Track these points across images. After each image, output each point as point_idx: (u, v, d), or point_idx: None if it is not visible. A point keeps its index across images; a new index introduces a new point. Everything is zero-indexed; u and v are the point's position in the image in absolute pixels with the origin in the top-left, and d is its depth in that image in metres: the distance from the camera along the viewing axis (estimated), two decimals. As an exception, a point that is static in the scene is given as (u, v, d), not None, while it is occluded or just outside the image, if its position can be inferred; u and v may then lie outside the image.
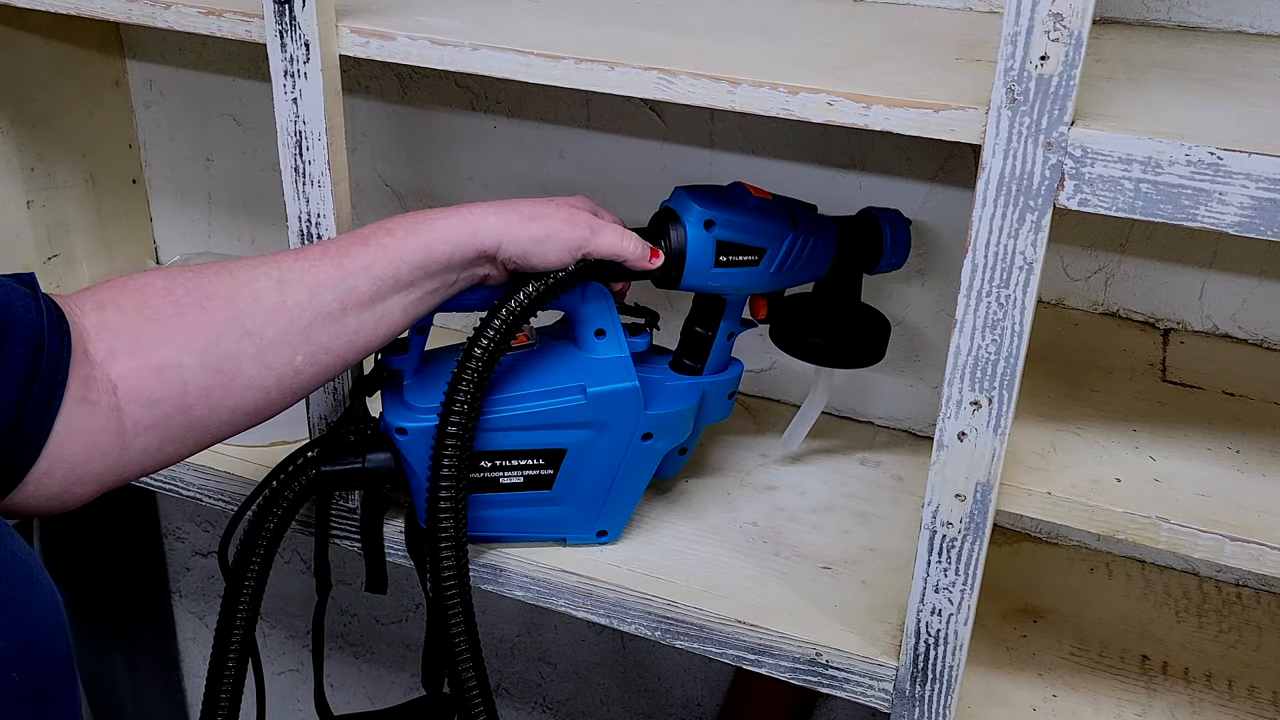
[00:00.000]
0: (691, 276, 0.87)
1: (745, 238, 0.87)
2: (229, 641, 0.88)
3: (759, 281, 0.89)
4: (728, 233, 0.86)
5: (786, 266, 0.89)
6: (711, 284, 0.88)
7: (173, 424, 0.70)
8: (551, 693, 1.52)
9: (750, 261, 0.87)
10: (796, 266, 0.89)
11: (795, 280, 0.91)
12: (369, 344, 0.79)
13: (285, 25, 0.84)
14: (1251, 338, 0.96)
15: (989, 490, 0.75)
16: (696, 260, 0.86)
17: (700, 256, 0.86)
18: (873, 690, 0.85)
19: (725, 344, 0.94)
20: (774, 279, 0.89)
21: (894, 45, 0.84)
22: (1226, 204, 0.63)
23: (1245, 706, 0.89)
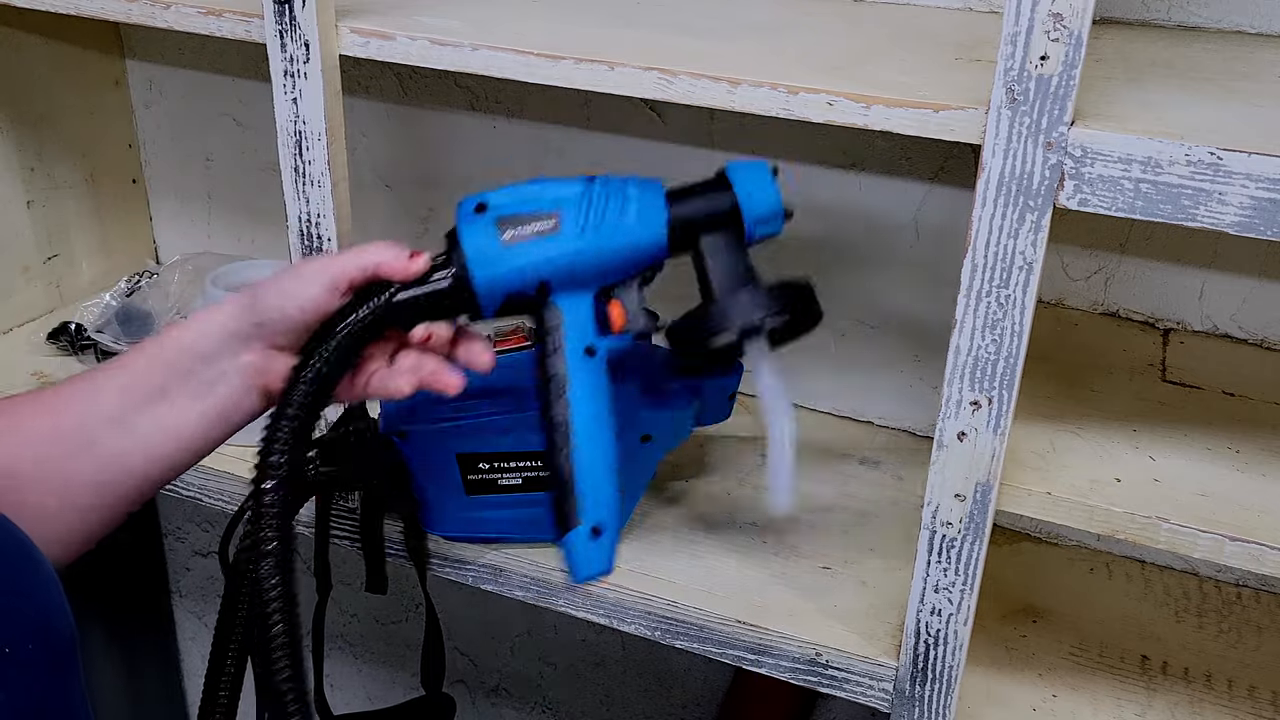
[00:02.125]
0: (482, 266, 0.72)
1: (529, 206, 0.73)
2: (228, 641, 0.88)
3: (566, 246, 0.72)
4: (506, 207, 0.73)
5: (595, 222, 0.72)
6: (507, 269, 0.72)
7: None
8: (551, 693, 1.52)
9: (545, 229, 0.72)
10: (611, 222, 0.72)
11: (619, 243, 0.73)
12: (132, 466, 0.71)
13: (285, 25, 0.84)
14: (1251, 338, 0.96)
15: (989, 490, 0.75)
16: (478, 245, 0.72)
17: (480, 239, 0.72)
18: (872, 690, 0.85)
19: (587, 365, 0.75)
20: (586, 240, 0.72)
21: (894, 45, 0.83)
22: (1226, 204, 0.63)
23: (1245, 707, 0.88)
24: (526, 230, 0.72)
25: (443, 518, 0.93)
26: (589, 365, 0.74)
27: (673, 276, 0.76)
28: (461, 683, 1.58)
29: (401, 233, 1.24)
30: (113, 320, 1.21)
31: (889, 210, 1.03)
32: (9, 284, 1.25)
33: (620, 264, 0.73)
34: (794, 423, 0.75)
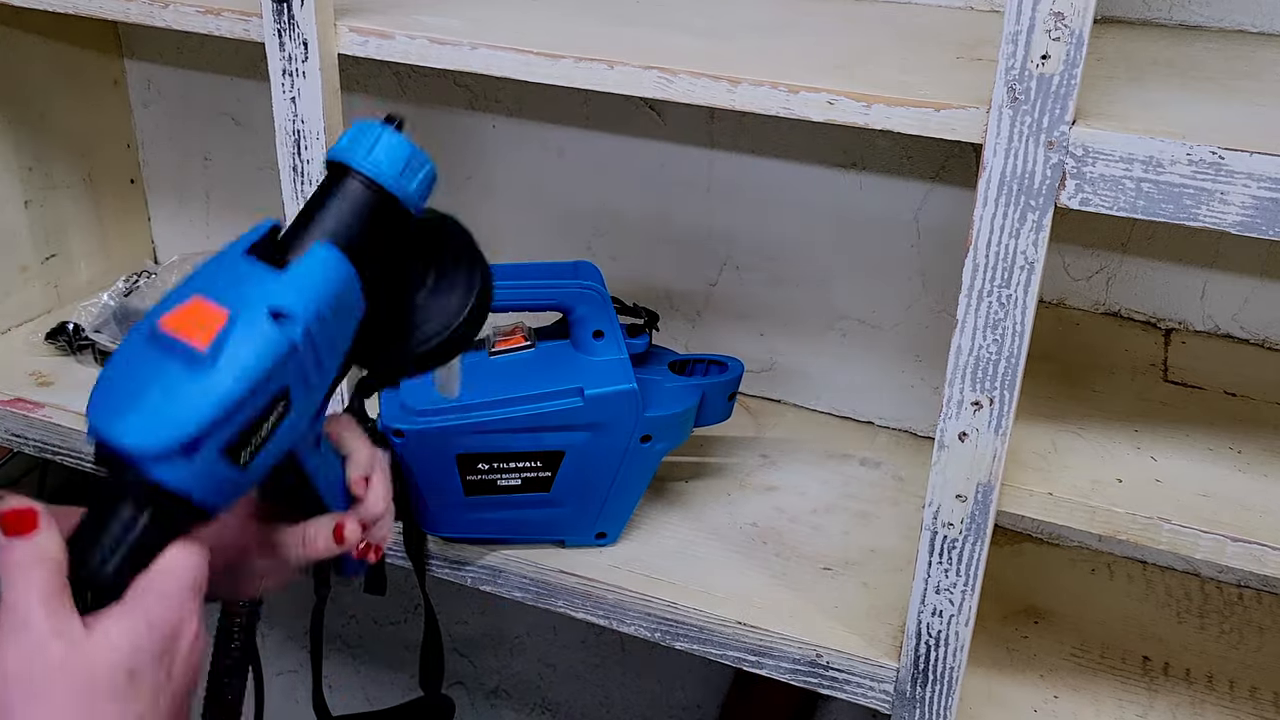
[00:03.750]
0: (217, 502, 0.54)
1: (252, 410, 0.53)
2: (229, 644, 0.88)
3: (311, 407, 0.58)
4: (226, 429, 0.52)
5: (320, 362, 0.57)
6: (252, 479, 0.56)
7: None
8: (551, 693, 1.52)
9: (282, 414, 0.55)
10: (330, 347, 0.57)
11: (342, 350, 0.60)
12: None
13: (284, 24, 0.83)
14: (1253, 338, 0.96)
15: (990, 491, 0.75)
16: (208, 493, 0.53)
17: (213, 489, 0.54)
18: (873, 691, 0.85)
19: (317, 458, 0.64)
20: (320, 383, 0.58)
21: (895, 44, 0.83)
22: (1228, 203, 0.63)
23: (1246, 707, 0.88)
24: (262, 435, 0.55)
25: (442, 518, 0.92)
26: (319, 454, 0.64)
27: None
28: (461, 684, 1.58)
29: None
30: (111, 320, 1.21)
31: (889, 210, 1.03)
32: (7, 284, 1.25)
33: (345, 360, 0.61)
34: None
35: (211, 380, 0.52)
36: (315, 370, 0.57)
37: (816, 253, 1.07)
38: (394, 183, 0.59)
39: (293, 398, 0.56)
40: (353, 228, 0.58)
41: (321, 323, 0.56)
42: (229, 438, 0.53)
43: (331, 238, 0.58)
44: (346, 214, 0.58)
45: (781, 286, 1.10)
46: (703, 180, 1.08)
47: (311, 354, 0.56)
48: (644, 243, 1.13)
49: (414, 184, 0.60)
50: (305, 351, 0.55)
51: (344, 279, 0.57)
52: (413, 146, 0.59)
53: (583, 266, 0.90)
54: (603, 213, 1.14)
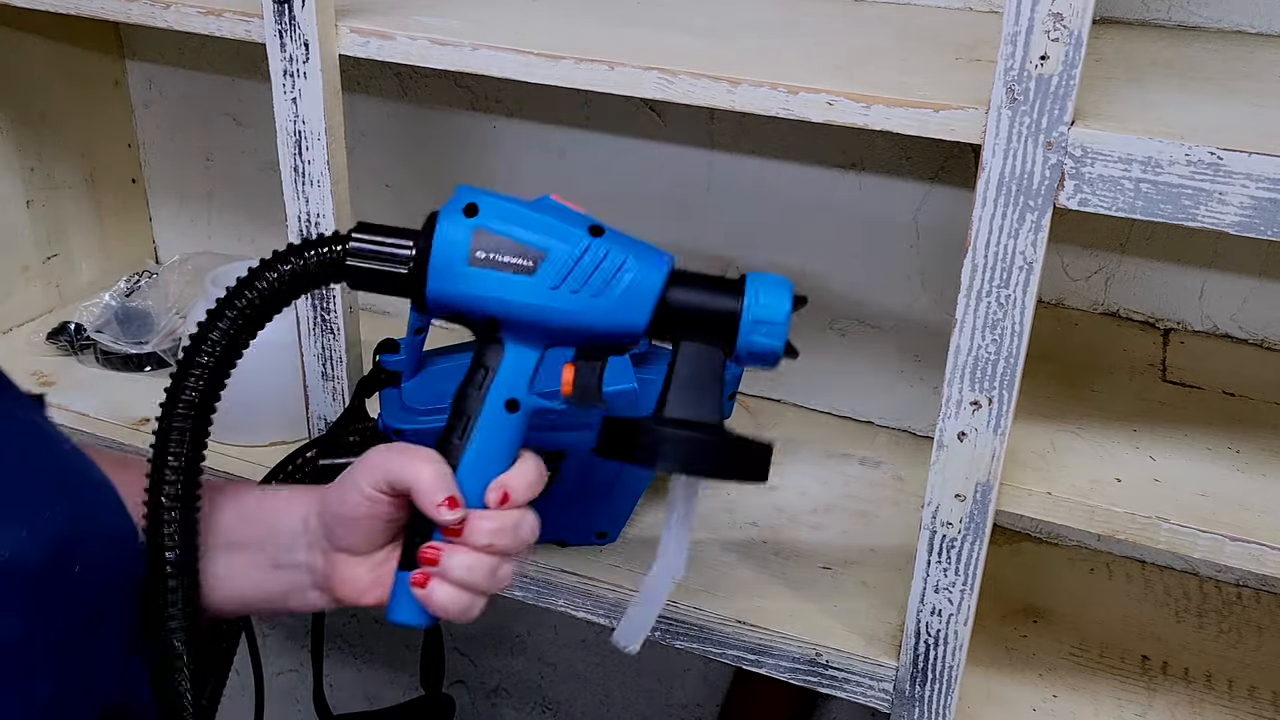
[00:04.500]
0: (438, 276, 0.65)
1: (517, 233, 0.65)
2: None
3: (532, 296, 0.65)
4: (494, 222, 0.65)
5: (574, 285, 0.65)
6: (464, 290, 0.65)
7: None
8: (551, 692, 1.52)
9: (521, 267, 0.64)
10: (591, 290, 0.65)
11: (592, 316, 0.65)
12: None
13: (285, 25, 0.84)
14: (1252, 338, 0.96)
15: (989, 490, 0.75)
16: (444, 252, 0.64)
17: (450, 246, 0.64)
18: (873, 690, 0.85)
19: (501, 420, 0.68)
20: (557, 299, 0.65)
21: (894, 45, 0.83)
22: (1226, 204, 0.63)
23: (1245, 707, 0.88)
24: (501, 258, 0.64)
25: (442, 518, 0.92)
26: (503, 420, 0.68)
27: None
28: (461, 683, 1.58)
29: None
30: (112, 320, 1.21)
31: (889, 210, 1.03)
32: (8, 284, 1.25)
33: (584, 336, 0.67)
34: (684, 568, 0.68)
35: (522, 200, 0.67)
36: (573, 280, 0.64)
37: (816, 253, 1.07)
38: (746, 329, 0.65)
39: (540, 268, 0.64)
40: (692, 305, 0.66)
41: (608, 263, 0.65)
42: (489, 226, 0.64)
43: (675, 272, 0.66)
44: (702, 298, 0.66)
45: (781, 286, 1.10)
46: (703, 180, 1.08)
47: (581, 266, 0.64)
48: (644, 243, 1.13)
49: (756, 347, 0.65)
50: (580, 254, 0.64)
51: (649, 279, 0.65)
52: (784, 341, 0.66)
53: (583, 266, 0.91)
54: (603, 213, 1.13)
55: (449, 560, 0.65)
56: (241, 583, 0.71)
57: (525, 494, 0.68)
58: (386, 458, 0.66)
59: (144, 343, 1.19)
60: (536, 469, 0.69)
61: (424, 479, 0.65)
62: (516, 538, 0.67)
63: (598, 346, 0.68)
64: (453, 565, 0.65)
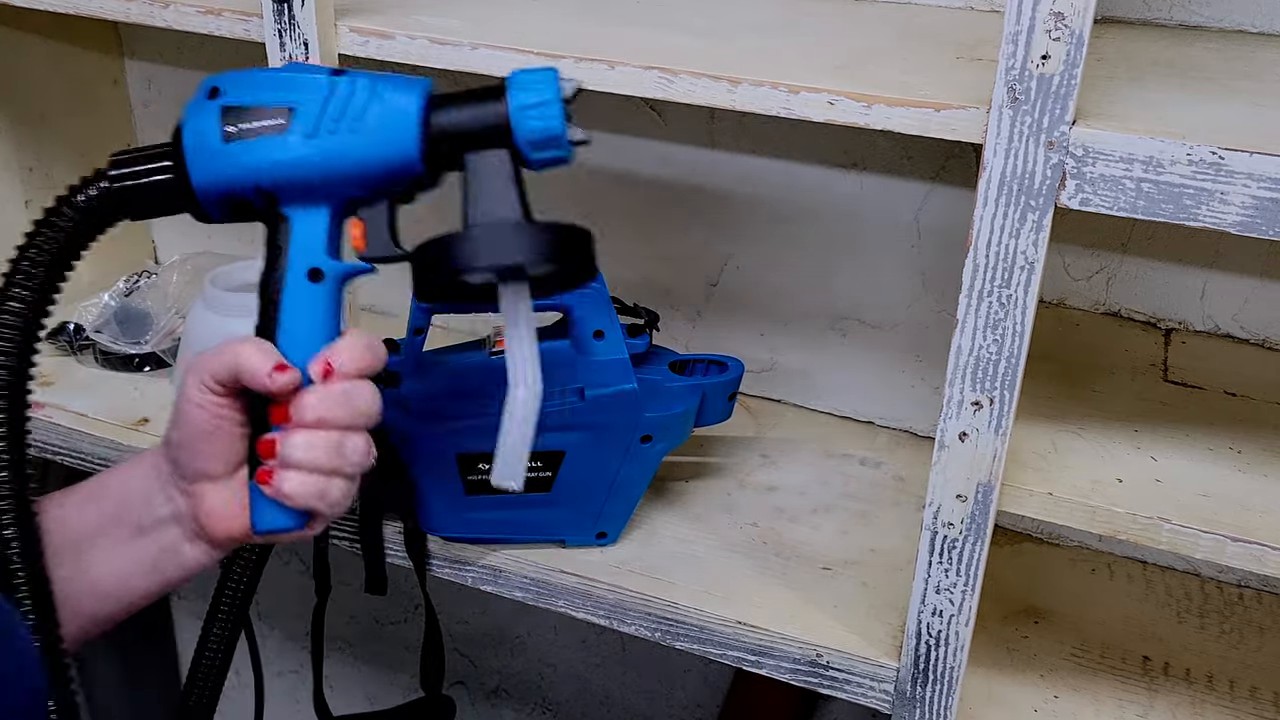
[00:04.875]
0: (199, 164, 0.63)
1: (262, 97, 0.63)
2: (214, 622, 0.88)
3: (291, 151, 0.63)
4: (238, 96, 0.64)
5: (329, 127, 0.63)
6: (225, 169, 0.63)
7: None
8: (551, 693, 1.52)
9: (274, 127, 0.63)
10: (347, 127, 0.63)
11: (358, 153, 0.64)
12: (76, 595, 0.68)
13: (284, 24, 0.83)
14: (1253, 338, 0.96)
15: (990, 491, 0.75)
16: (197, 138, 0.63)
17: (200, 133, 0.63)
18: (873, 691, 0.85)
19: (308, 292, 0.65)
20: (316, 146, 0.63)
21: (895, 44, 0.83)
22: (1228, 204, 0.63)
23: (1247, 708, 0.88)
24: (252, 126, 0.63)
25: (442, 518, 0.92)
26: (311, 291, 0.65)
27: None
28: (461, 684, 1.58)
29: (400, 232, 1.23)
30: (111, 320, 1.21)
31: (889, 210, 1.03)
32: (8, 284, 1.25)
33: (361, 177, 0.64)
34: (537, 389, 0.65)
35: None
36: (325, 122, 0.63)
37: (817, 253, 1.07)
38: (522, 138, 0.63)
39: (292, 122, 0.63)
40: (458, 122, 0.64)
41: (357, 96, 0.63)
42: (233, 100, 0.63)
43: (433, 96, 0.64)
44: (466, 118, 0.64)
45: (782, 287, 1.10)
46: (703, 180, 1.08)
47: (331, 106, 0.63)
48: (644, 243, 1.13)
49: (539, 153, 0.64)
50: (327, 96, 0.63)
51: (404, 102, 0.63)
52: (560, 127, 0.63)
53: (583, 266, 0.90)
54: (603, 213, 1.14)
55: (284, 446, 0.63)
56: (105, 572, 0.68)
57: (353, 365, 0.65)
58: (204, 358, 0.65)
59: (143, 343, 1.18)
60: (363, 341, 0.66)
61: (247, 355, 0.63)
62: (350, 407, 0.64)
63: (378, 187, 0.65)
64: (290, 450, 0.63)
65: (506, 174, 0.63)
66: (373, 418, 0.65)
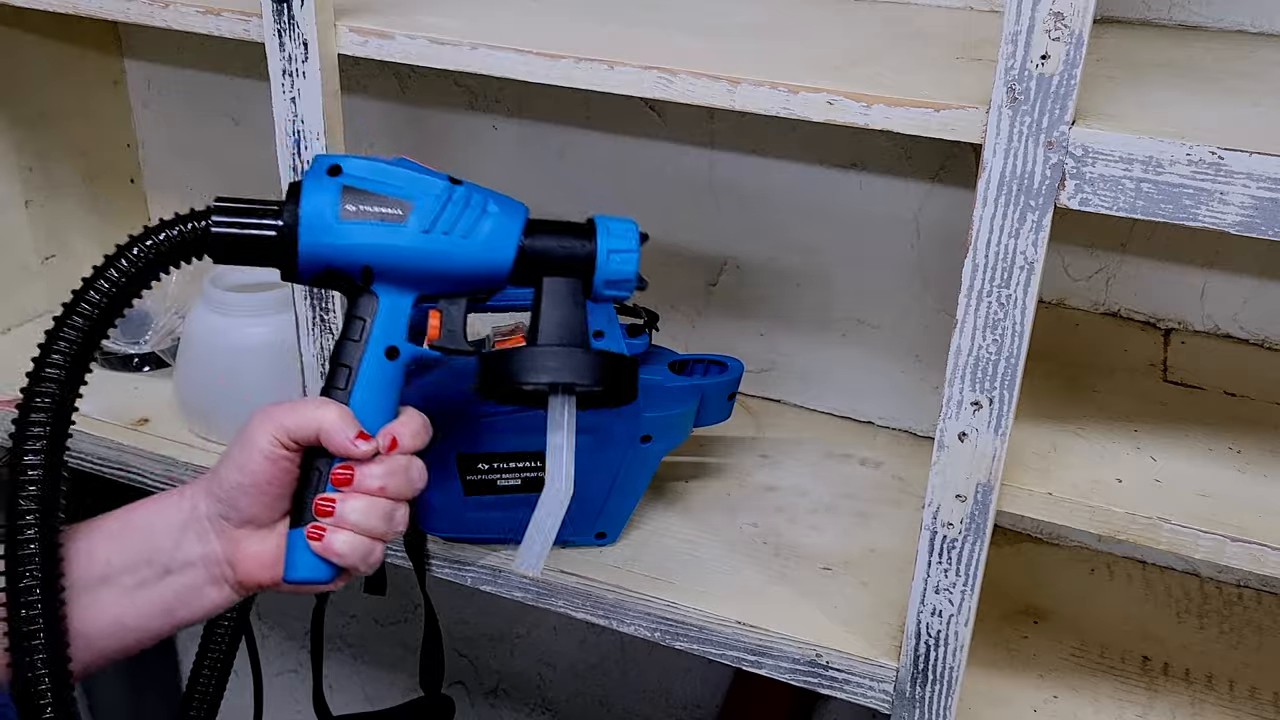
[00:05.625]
0: (311, 232, 0.68)
1: (384, 187, 0.69)
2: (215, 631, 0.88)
3: (407, 240, 0.69)
4: (359, 180, 0.69)
5: (444, 228, 0.69)
6: (339, 243, 0.68)
7: None
8: (551, 693, 1.52)
9: (392, 215, 0.69)
10: (460, 232, 0.70)
11: (461, 257, 0.70)
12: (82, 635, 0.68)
13: (284, 24, 0.83)
14: (1253, 338, 0.96)
15: (990, 491, 0.75)
16: (315, 209, 0.68)
17: (321, 203, 0.68)
18: (873, 691, 0.85)
19: (381, 367, 0.71)
20: (428, 242, 0.69)
21: (895, 44, 0.83)
22: (1228, 204, 0.63)
23: (1246, 708, 0.88)
24: (371, 210, 0.69)
25: (442, 518, 0.92)
26: (384, 367, 0.71)
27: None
28: (461, 684, 1.58)
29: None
30: (111, 320, 1.20)
31: (889, 210, 1.03)
32: (8, 283, 1.25)
33: (455, 277, 0.71)
34: (569, 490, 0.72)
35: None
36: (440, 224, 0.69)
37: (816, 253, 1.07)
38: (601, 276, 0.71)
39: (409, 216, 0.68)
40: (550, 250, 0.71)
41: (472, 208, 0.70)
42: (355, 183, 0.68)
43: (529, 231, 0.71)
44: (556, 246, 0.71)
45: (781, 287, 1.10)
46: (703, 180, 1.08)
47: (448, 209, 0.69)
48: (644, 243, 1.13)
49: (610, 290, 0.72)
50: (445, 199, 0.69)
51: (510, 221, 0.71)
52: (634, 273, 0.72)
53: (583, 266, 0.91)
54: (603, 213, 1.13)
55: (344, 507, 0.67)
56: (122, 611, 0.68)
57: (412, 441, 0.70)
58: (277, 413, 0.67)
59: (142, 343, 1.18)
60: (421, 420, 0.71)
61: (330, 420, 0.67)
62: (408, 480, 0.69)
63: (464, 289, 0.72)
64: (348, 512, 0.67)
65: (576, 301, 0.71)
66: (419, 490, 0.71)
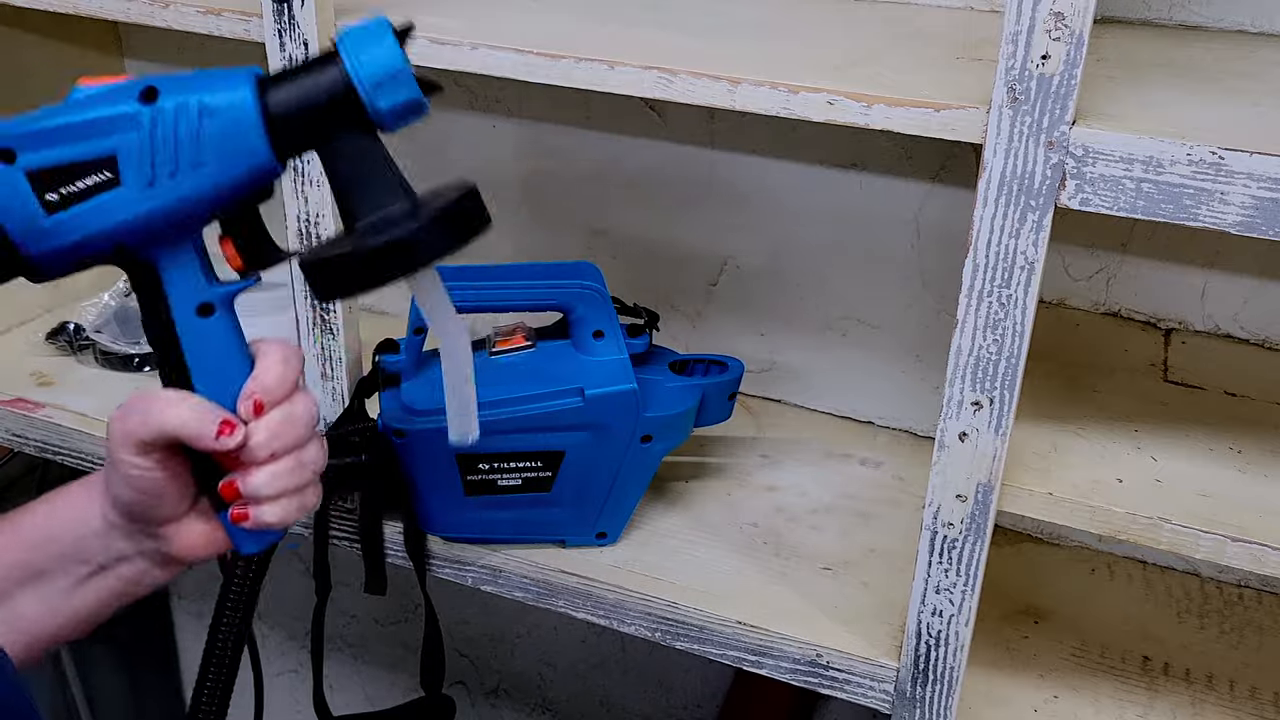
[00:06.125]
0: (30, 242, 0.56)
1: (72, 151, 0.55)
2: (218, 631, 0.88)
3: (136, 206, 0.56)
4: (39, 155, 0.55)
5: (169, 167, 0.55)
6: (64, 241, 0.56)
7: None
8: (551, 693, 1.52)
9: (101, 183, 0.55)
10: (187, 162, 0.56)
11: (208, 185, 0.57)
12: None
13: (284, 24, 0.83)
14: (1253, 338, 0.96)
15: (990, 491, 0.75)
16: (15, 216, 0.55)
17: (16, 206, 0.55)
18: (873, 691, 0.85)
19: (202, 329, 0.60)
20: (160, 193, 0.56)
21: (895, 44, 0.83)
22: (1228, 204, 0.63)
23: (1247, 708, 0.88)
24: (75, 188, 0.55)
25: (442, 518, 0.92)
26: (207, 326, 0.60)
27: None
28: (461, 684, 1.58)
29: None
30: (111, 320, 1.21)
31: (889, 210, 1.03)
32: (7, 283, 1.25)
33: (218, 204, 0.58)
34: (464, 337, 0.62)
35: (48, 106, 0.55)
36: (162, 165, 0.55)
37: (816, 253, 1.07)
38: (367, 93, 0.56)
39: (121, 173, 0.55)
40: (299, 100, 0.56)
41: (185, 121, 0.55)
42: (38, 162, 0.54)
43: (263, 81, 0.56)
44: (303, 86, 0.56)
45: (781, 286, 1.10)
46: (703, 180, 1.08)
47: (160, 143, 0.55)
48: (644, 243, 1.13)
49: (388, 101, 0.56)
50: (150, 132, 0.55)
51: (238, 107, 0.55)
52: (404, 64, 0.56)
53: (583, 266, 0.91)
54: (603, 213, 1.14)
55: (248, 486, 0.61)
56: (63, 606, 0.66)
57: (280, 388, 0.62)
58: (126, 422, 0.60)
59: (143, 342, 1.18)
60: (277, 355, 0.63)
61: (184, 420, 0.59)
62: (294, 428, 0.62)
63: (236, 205, 0.59)
64: (256, 488, 0.61)
65: (375, 155, 0.58)
66: (316, 420, 0.64)
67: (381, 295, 1.27)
